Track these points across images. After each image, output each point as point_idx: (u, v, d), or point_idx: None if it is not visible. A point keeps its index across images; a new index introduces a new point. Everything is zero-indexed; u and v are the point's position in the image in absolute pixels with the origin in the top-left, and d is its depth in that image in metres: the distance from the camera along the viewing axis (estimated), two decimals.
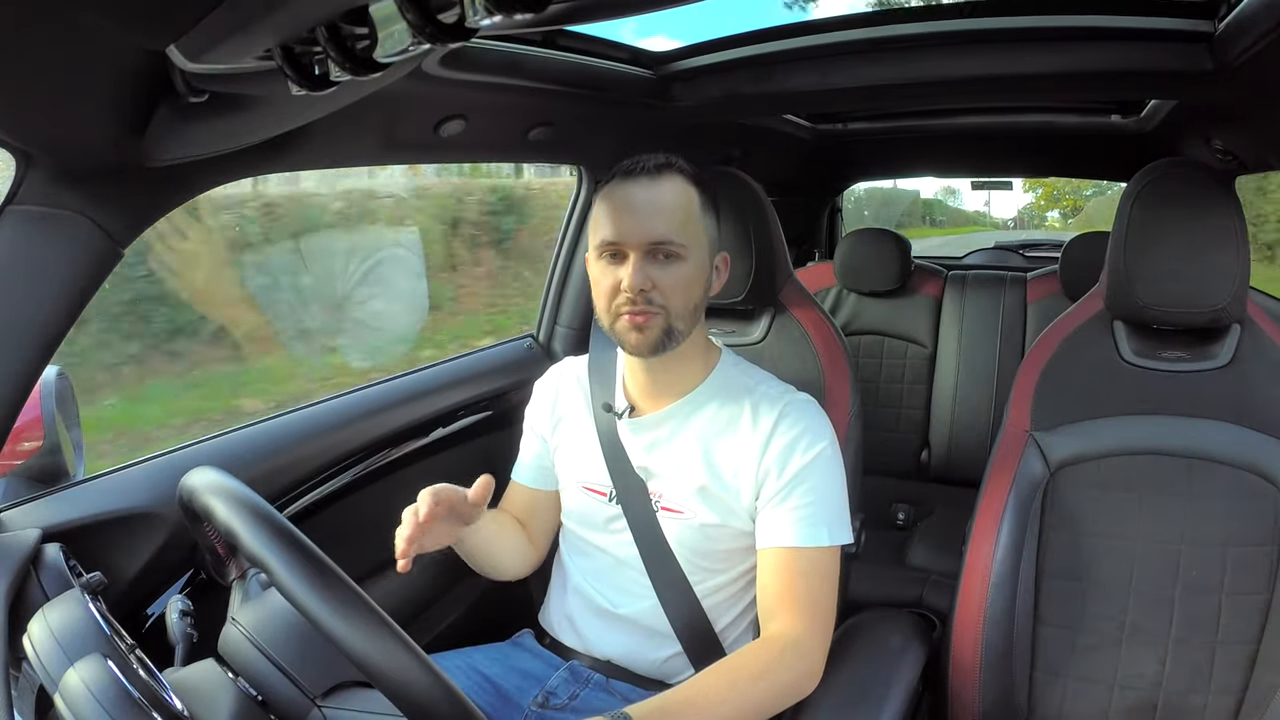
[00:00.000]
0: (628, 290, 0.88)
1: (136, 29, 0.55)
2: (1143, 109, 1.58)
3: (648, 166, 0.90)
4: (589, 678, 0.98)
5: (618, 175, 0.92)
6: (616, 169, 0.92)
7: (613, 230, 0.89)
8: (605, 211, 0.90)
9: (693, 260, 0.91)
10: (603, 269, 0.91)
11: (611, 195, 0.91)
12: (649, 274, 0.88)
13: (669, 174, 0.91)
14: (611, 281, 0.90)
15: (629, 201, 0.89)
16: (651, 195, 0.89)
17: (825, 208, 2.67)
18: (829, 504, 0.91)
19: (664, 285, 0.89)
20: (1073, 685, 1.02)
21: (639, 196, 0.89)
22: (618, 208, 0.89)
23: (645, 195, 0.89)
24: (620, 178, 0.91)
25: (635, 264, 0.88)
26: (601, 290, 0.91)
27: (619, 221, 0.89)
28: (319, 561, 0.57)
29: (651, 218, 0.88)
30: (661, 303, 0.89)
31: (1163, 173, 1.03)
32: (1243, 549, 0.98)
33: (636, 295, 0.88)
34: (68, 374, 1.00)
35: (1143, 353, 1.08)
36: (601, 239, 0.90)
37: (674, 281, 0.89)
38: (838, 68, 1.16)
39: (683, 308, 0.90)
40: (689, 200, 0.91)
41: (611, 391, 1.01)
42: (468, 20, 0.48)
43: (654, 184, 0.90)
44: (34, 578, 0.71)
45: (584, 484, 1.01)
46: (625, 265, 0.89)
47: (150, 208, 0.79)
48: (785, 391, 0.97)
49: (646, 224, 0.88)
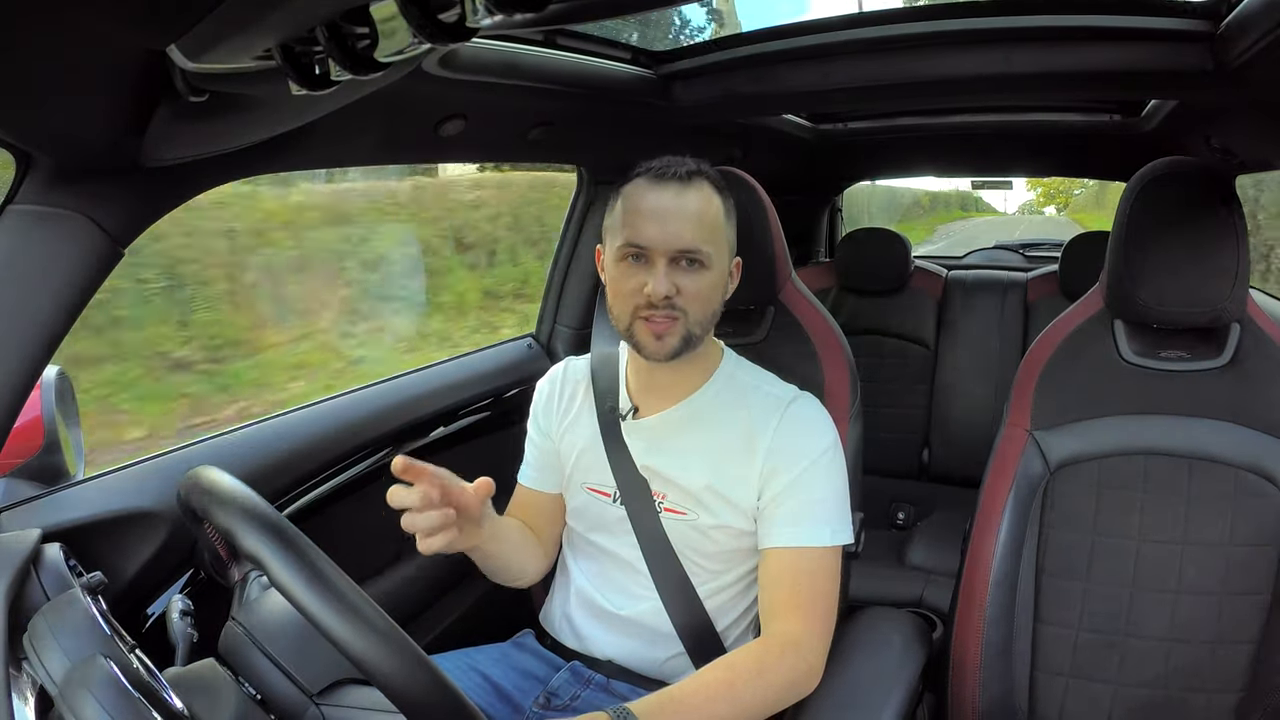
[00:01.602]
0: (652, 296, 0.87)
1: (136, 29, 0.55)
2: (1143, 109, 1.58)
3: (679, 173, 0.89)
4: (590, 678, 0.98)
5: (645, 177, 0.90)
6: (643, 170, 0.91)
7: (640, 234, 0.88)
8: (631, 213, 0.89)
9: (716, 268, 0.90)
10: (624, 271, 0.90)
11: (639, 198, 0.89)
12: (674, 281, 0.87)
13: (698, 181, 0.90)
14: (634, 285, 0.88)
15: (658, 207, 0.88)
16: (681, 202, 0.88)
17: (825, 208, 2.67)
18: (831, 503, 0.91)
19: (688, 292, 0.88)
20: (1073, 685, 1.02)
21: (669, 202, 0.88)
22: (646, 211, 0.88)
23: (675, 202, 0.88)
24: (649, 180, 0.90)
25: (662, 270, 0.87)
26: (622, 292, 0.90)
27: (647, 226, 0.88)
28: (317, 561, 0.57)
29: (681, 225, 0.87)
30: (684, 308, 0.88)
31: (1163, 172, 1.03)
32: (1243, 549, 0.98)
33: (660, 301, 0.87)
34: (68, 374, 1.00)
35: (1143, 352, 1.08)
36: (627, 241, 0.89)
37: (698, 289, 0.89)
38: (838, 68, 1.16)
39: (702, 315, 0.90)
40: (716, 209, 0.91)
41: (615, 392, 1.01)
42: (468, 20, 0.48)
43: (684, 191, 0.89)
44: (34, 578, 0.71)
45: (587, 484, 1.01)
46: (650, 270, 0.88)
47: (150, 208, 0.79)
48: (788, 390, 0.97)
49: (675, 231, 0.87)
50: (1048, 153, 2.25)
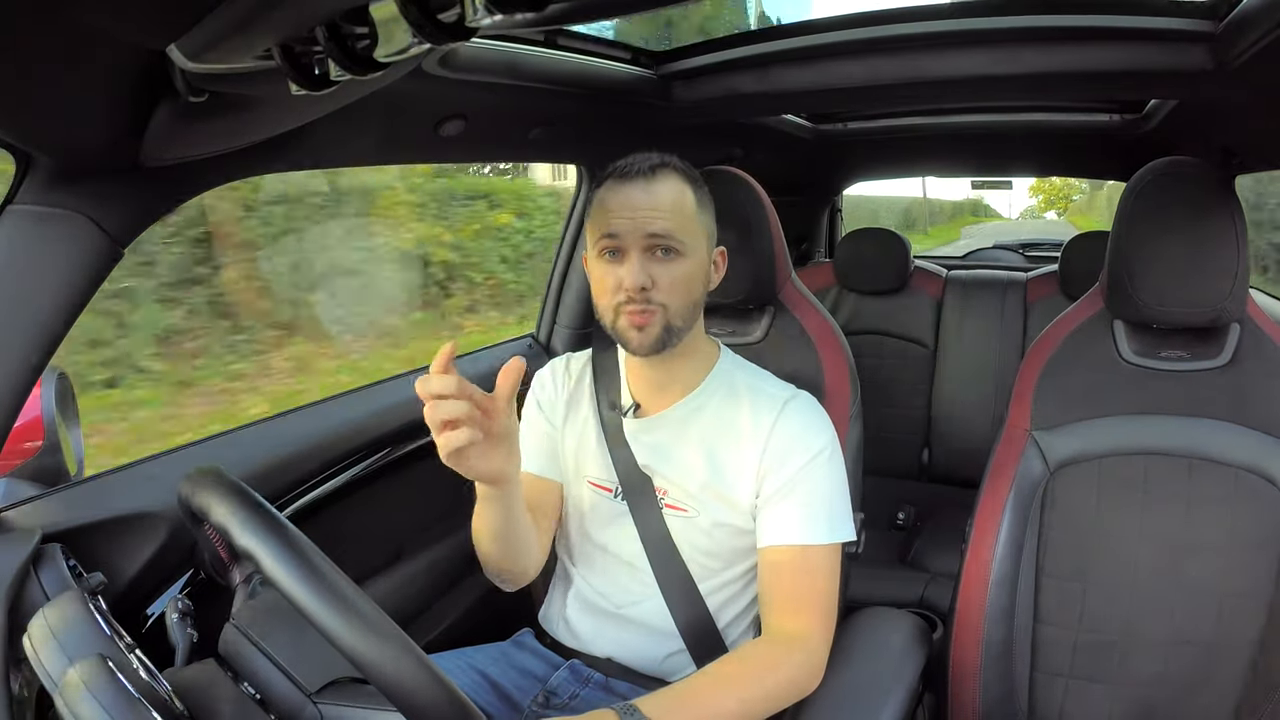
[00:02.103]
0: (629, 288, 0.88)
1: (136, 29, 0.55)
2: (1143, 109, 1.58)
3: (643, 167, 0.91)
4: (589, 677, 0.98)
5: (613, 176, 0.92)
6: (611, 170, 0.93)
7: (611, 226, 0.89)
8: (602, 211, 0.91)
9: (692, 257, 0.91)
10: (602, 268, 0.91)
11: (608, 195, 0.91)
12: (649, 271, 0.88)
13: (664, 172, 0.91)
14: (612, 280, 0.90)
15: (626, 200, 0.89)
16: (650, 193, 0.89)
17: (825, 208, 2.67)
18: (829, 501, 0.92)
19: (663, 282, 0.89)
20: (1073, 685, 1.02)
21: (636, 195, 0.89)
22: (615, 206, 0.90)
23: (643, 193, 0.89)
24: (616, 178, 0.91)
25: (635, 261, 0.88)
26: (602, 289, 0.91)
27: (617, 219, 0.89)
28: (315, 559, 0.57)
29: (650, 213, 0.89)
30: (661, 300, 0.89)
31: (1163, 172, 1.03)
32: (1243, 549, 0.98)
33: (636, 293, 0.88)
34: (68, 374, 1.00)
35: (1142, 352, 1.08)
36: (600, 235, 0.90)
37: (673, 278, 0.89)
38: (837, 68, 1.16)
39: (682, 305, 0.91)
40: (685, 197, 0.92)
41: (616, 389, 1.01)
42: (468, 20, 0.48)
43: (650, 183, 0.90)
44: (34, 578, 0.71)
45: (589, 479, 1.01)
46: (624, 263, 0.89)
47: (150, 208, 0.79)
48: (785, 389, 0.97)
49: (645, 220, 0.88)
50: (1048, 153, 2.25)
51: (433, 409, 0.72)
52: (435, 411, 0.72)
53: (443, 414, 0.72)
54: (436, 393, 0.72)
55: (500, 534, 0.89)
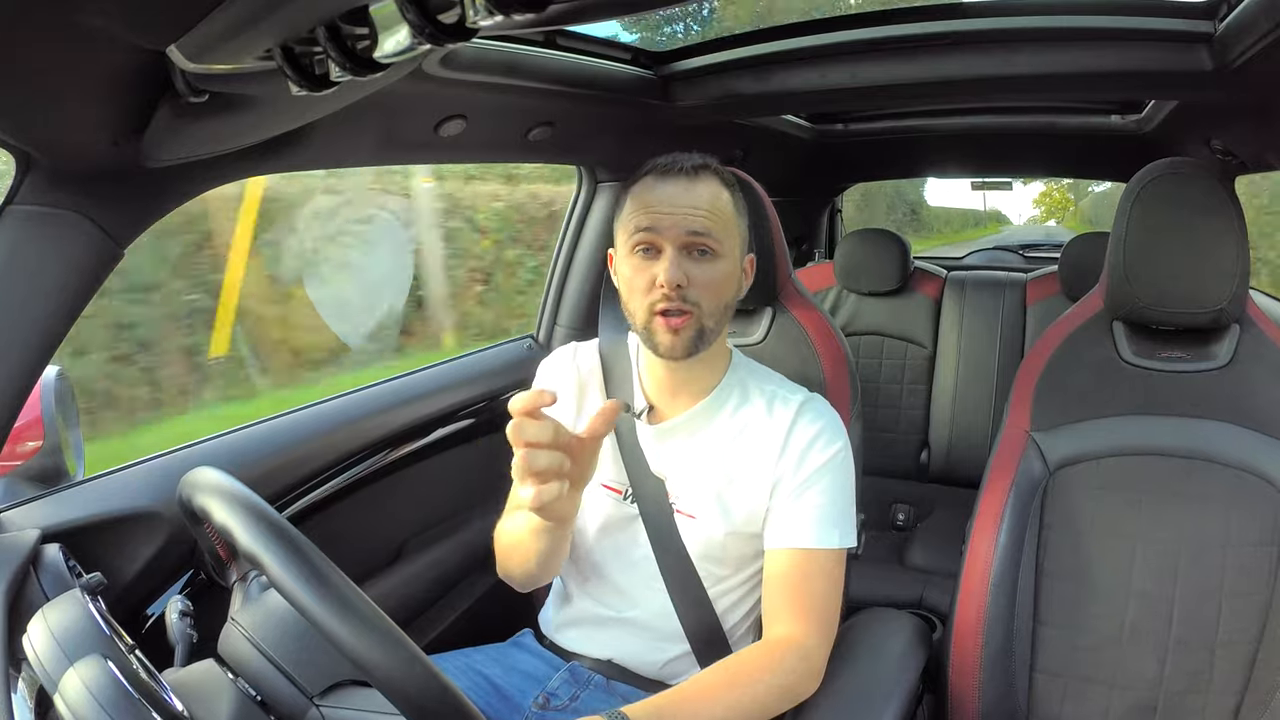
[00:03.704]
0: (664, 285, 0.86)
1: (136, 29, 0.55)
2: (1143, 109, 1.58)
3: (685, 166, 0.90)
4: (590, 679, 0.97)
5: (652, 173, 0.91)
6: (650, 166, 0.91)
7: (649, 221, 0.88)
8: (639, 206, 0.89)
9: (727, 259, 0.90)
10: (636, 265, 0.89)
11: (646, 191, 0.90)
12: (685, 269, 0.87)
13: (706, 174, 0.91)
14: (646, 278, 0.88)
15: (667, 196, 0.88)
16: (690, 191, 0.89)
17: (825, 208, 2.68)
18: (840, 505, 0.91)
19: (699, 282, 0.88)
20: (1072, 686, 1.02)
21: (678, 193, 0.88)
22: (654, 202, 0.88)
23: (684, 191, 0.88)
24: (656, 175, 0.90)
25: (671, 258, 0.87)
26: (635, 288, 0.89)
27: (656, 214, 0.88)
28: (316, 560, 0.57)
29: (689, 211, 0.88)
30: (696, 300, 0.88)
31: (1163, 173, 1.03)
32: (1242, 549, 0.98)
33: (673, 291, 0.86)
34: (68, 374, 1.00)
35: (1142, 353, 1.08)
36: (636, 229, 0.89)
37: (709, 279, 0.88)
38: (837, 68, 1.16)
39: (715, 307, 0.90)
40: (725, 200, 0.91)
41: (629, 390, 1.00)
42: (468, 20, 0.48)
43: (693, 182, 0.89)
44: (34, 578, 0.71)
45: (601, 480, 0.99)
46: (660, 261, 0.88)
47: (150, 208, 0.79)
48: (798, 391, 0.97)
49: (685, 217, 0.87)
50: (1048, 153, 2.25)
51: (528, 459, 0.68)
52: (530, 462, 0.68)
53: (539, 466, 0.68)
54: (532, 440, 0.68)
55: (542, 561, 0.89)
